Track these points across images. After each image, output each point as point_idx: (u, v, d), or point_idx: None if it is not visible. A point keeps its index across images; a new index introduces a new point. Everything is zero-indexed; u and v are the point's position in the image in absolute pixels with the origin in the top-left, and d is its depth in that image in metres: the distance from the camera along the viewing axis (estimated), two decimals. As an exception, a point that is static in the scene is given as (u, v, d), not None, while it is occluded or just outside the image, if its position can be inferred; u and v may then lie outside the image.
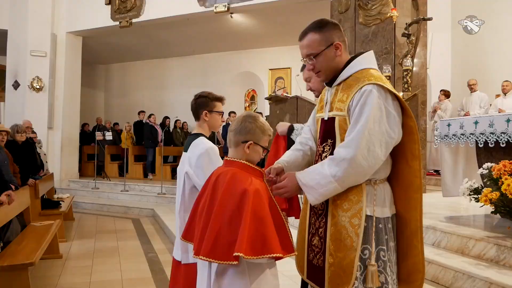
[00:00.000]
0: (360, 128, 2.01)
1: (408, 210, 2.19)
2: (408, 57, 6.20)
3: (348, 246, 2.08)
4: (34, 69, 12.20)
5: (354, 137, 2.02)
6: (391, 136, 2.05)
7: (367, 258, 2.07)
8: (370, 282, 2.04)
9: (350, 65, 2.19)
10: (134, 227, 8.56)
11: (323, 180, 2.06)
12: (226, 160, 2.21)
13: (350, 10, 7.99)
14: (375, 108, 2.02)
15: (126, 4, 11.92)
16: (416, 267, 2.18)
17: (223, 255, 1.91)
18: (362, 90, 2.06)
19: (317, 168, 2.14)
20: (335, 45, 2.17)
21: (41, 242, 4.87)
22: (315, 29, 2.19)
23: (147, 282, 5.10)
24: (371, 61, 2.23)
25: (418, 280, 2.18)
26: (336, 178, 2.03)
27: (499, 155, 4.61)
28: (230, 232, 1.93)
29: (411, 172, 2.16)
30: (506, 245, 3.78)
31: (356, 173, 2.03)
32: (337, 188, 2.06)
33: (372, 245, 2.08)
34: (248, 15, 11.60)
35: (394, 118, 2.07)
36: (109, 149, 13.98)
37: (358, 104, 2.05)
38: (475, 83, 9.64)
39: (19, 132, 7.16)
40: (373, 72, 2.14)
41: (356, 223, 2.08)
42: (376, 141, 2.01)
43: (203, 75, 15.81)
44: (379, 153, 2.03)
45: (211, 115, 3.10)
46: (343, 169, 2.02)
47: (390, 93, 2.09)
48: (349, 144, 2.03)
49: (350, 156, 2.00)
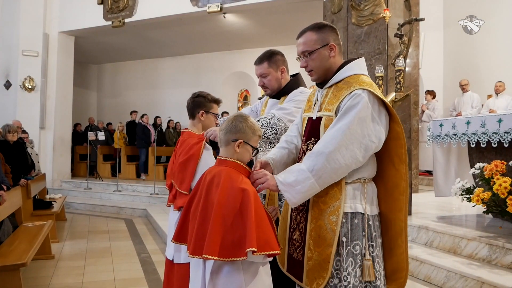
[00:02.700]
0: (341, 126, 2.09)
1: (393, 211, 2.27)
2: (400, 58, 6.21)
3: (326, 242, 2.15)
4: (26, 69, 12.11)
5: (333, 133, 2.10)
6: (372, 140, 2.11)
7: (358, 254, 2.15)
8: (367, 276, 2.12)
9: (343, 70, 2.27)
10: (127, 228, 8.53)
11: (301, 176, 2.11)
12: (218, 159, 2.23)
13: (343, 11, 8.00)
14: (361, 111, 2.09)
15: (119, 4, 11.88)
16: (400, 265, 2.26)
17: (230, 252, 1.94)
18: (352, 93, 2.15)
19: (294, 166, 2.21)
20: (330, 46, 2.27)
21: (33, 243, 4.85)
22: (313, 29, 2.29)
23: (139, 282, 5.08)
24: (363, 68, 2.32)
25: (402, 277, 2.27)
26: (313, 173, 2.08)
27: (491, 155, 4.64)
28: (232, 230, 1.96)
29: (398, 175, 2.24)
30: (497, 244, 3.81)
31: (332, 168, 2.08)
32: (314, 185, 2.10)
33: (364, 241, 2.16)
34: (241, 15, 11.59)
35: (378, 124, 2.14)
36: (101, 149, 13.91)
37: (345, 105, 2.13)
38: (467, 84, 9.70)
39: (11, 132, 7.12)
40: (364, 79, 2.23)
41: (334, 220, 2.15)
42: (356, 142, 2.08)
43: (196, 75, 15.79)
44: (357, 154, 2.09)
45: (207, 116, 3.12)
46: (320, 162, 2.07)
47: (378, 99, 2.16)
48: (327, 140, 2.10)
49: (328, 151, 2.07)
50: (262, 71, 3.08)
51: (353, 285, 2.11)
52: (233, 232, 1.96)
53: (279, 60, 3.09)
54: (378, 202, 2.29)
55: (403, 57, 6.08)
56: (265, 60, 3.07)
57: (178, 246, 2.82)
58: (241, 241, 1.93)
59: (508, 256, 3.70)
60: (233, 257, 1.93)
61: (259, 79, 3.13)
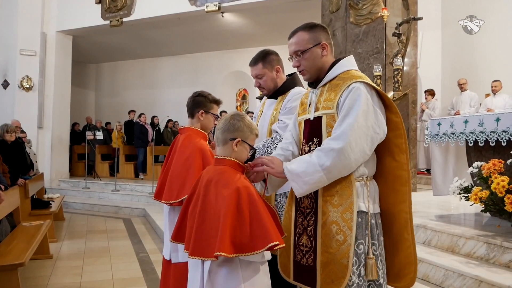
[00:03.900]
0: (350, 121, 2.08)
1: (396, 204, 2.24)
2: (398, 57, 6.23)
3: (342, 241, 2.12)
4: (23, 68, 12.12)
5: (344, 130, 2.08)
6: (376, 131, 2.12)
7: (362, 253, 2.13)
8: (370, 275, 2.11)
9: (335, 67, 2.28)
10: (125, 227, 8.53)
11: (310, 168, 2.10)
12: (216, 158, 2.22)
13: (341, 10, 8.01)
14: (363, 104, 2.10)
15: (117, 3, 11.87)
16: (408, 259, 2.23)
17: (247, 247, 1.94)
18: (350, 87, 2.15)
19: (304, 157, 2.19)
20: (322, 45, 2.28)
21: (31, 243, 4.84)
22: (304, 29, 2.30)
23: (138, 282, 5.08)
24: (353, 64, 2.34)
25: (411, 272, 2.23)
26: (323, 168, 2.08)
27: (488, 154, 4.64)
28: (241, 229, 1.96)
29: (398, 166, 2.22)
30: (495, 243, 3.81)
31: (343, 164, 2.08)
32: (322, 179, 2.10)
33: (367, 240, 2.14)
34: (239, 14, 11.59)
35: (379, 114, 2.15)
36: (99, 149, 13.91)
37: (347, 99, 2.13)
38: (465, 83, 9.71)
39: (9, 132, 7.10)
40: (357, 73, 2.24)
41: (348, 218, 2.12)
42: (363, 135, 2.08)
43: (194, 74, 15.78)
44: (365, 147, 2.09)
45: (206, 116, 3.13)
46: (331, 159, 2.06)
47: (375, 90, 2.18)
48: (338, 137, 2.09)
49: (339, 147, 2.05)
50: (257, 72, 3.07)
51: (358, 284, 2.09)
52: (242, 231, 1.96)
53: (273, 60, 3.07)
54: (380, 200, 2.27)
55: (401, 56, 6.10)
56: (260, 61, 3.06)
57: (175, 246, 2.82)
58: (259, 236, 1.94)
59: (506, 254, 3.70)
60: (252, 250, 1.94)
61: (255, 80, 3.12)
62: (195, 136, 3.05)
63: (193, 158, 2.92)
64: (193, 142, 2.99)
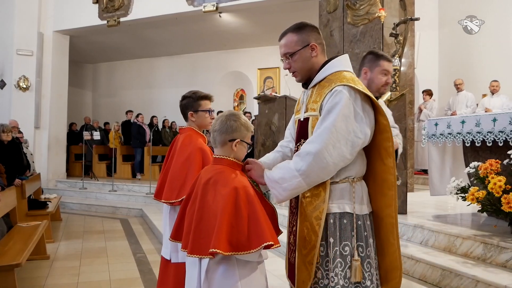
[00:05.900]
0: (327, 125, 2.07)
1: (383, 208, 2.23)
2: (395, 57, 6.23)
3: (311, 244, 2.14)
4: (20, 68, 12.06)
5: (320, 133, 2.08)
6: (357, 136, 2.09)
7: (347, 255, 2.12)
8: (353, 277, 2.09)
9: (324, 68, 2.26)
10: (122, 227, 8.51)
11: (287, 174, 2.11)
12: (214, 158, 2.23)
13: (338, 10, 8.00)
14: (343, 107, 2.07)
15: (114, 3, 11.84)
16: (393, 264, 2.22)
17: (244, 246, 1.96)
18: (333, 90, 2.13)
19: (284, 163, 2.21)
20: (311, 46, 2.26)
21: (28, 243, 4.83)
22: (293, 30, 2.29)
23: (135, 282, 5.07)
24: (346, 64, 2.30)
25: (396, 277, 2.23)
26: (300, 172, 2.08)
27: (485, 154, 4.65)
28: (238, 228, 1.97)
29: (385, 169, 2.21)
30: (492, 243, 3.82)
31: (319, 168, 2.06)
32: (301, 184, 2.09)
33: (353, 241, 2.13)
34: (236, 14, 11.58)
35: (362, 119, 2.11)
36: (97, 149, 13.88)
37: (327, 103, 2.12)
38: (462, 83, 9.73)
39: (5, 132, 7.08)
40: (346, 74, 2.21)
41: (317, 221, 2.13)
42: (342, 139, 2.06)
43: (192, 74, 15.77)
44: (344, 151, 2.07)
45: (197, 115, 3.13)
46: (307, 163, 2.06)
47: (360, 94, 2.14)
48: (314, 140, 2.09)
49: (315, 150, 2.05)
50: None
51: (342, 286, 2.09)
52: (241, 229, 1.98)
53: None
54: (370, 200, 2.26)
55: (398, 56, 6.10)
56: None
57: (176, 246, 2.82)
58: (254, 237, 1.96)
59: (502, 254, 3.71)
60: (249, 249, 1.96)
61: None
62: (195, 136, 3.07)
63: (193, 157, 2.93)
64: (193, 142, 3.01)
